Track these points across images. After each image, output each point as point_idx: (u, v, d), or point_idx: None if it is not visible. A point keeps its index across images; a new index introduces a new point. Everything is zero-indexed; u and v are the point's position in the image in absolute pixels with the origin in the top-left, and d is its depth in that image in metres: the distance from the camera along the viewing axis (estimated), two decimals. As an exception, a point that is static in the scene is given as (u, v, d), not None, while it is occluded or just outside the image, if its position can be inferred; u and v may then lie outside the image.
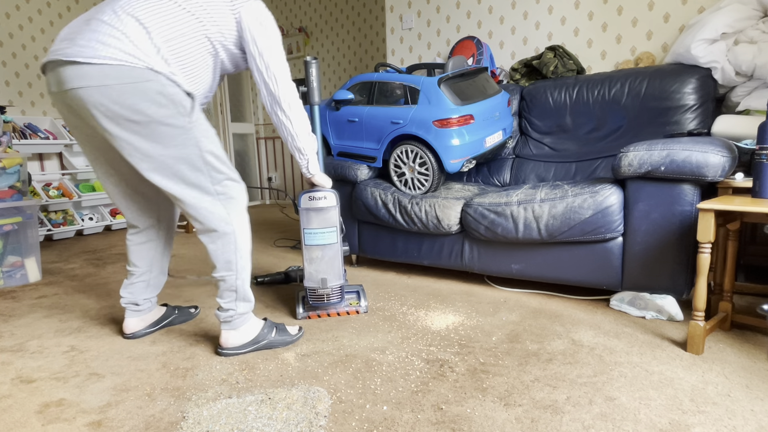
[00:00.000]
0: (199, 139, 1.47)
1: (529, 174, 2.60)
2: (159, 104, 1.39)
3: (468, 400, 1.28)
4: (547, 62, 2.69)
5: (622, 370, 1.41)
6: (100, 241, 3.82)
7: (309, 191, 1.84)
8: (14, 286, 2.54)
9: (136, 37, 1.37)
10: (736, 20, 2.14)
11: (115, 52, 1.34)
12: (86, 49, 1.34)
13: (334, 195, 1.85)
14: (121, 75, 1.35)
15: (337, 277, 1.89)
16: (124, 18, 1.38)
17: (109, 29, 1.36)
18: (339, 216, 1.88)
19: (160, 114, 1.40)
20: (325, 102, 2.65)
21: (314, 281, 1.89)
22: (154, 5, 1.42)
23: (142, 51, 1.37)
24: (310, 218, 1.86)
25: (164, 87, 1.39)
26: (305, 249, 1.88)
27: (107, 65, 1.34)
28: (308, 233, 1.87)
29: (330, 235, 1.87)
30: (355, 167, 2.55)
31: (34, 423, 1.24)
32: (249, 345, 1.62)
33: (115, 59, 1.34)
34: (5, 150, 2.59)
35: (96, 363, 1.58)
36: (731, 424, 1.14)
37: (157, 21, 1.40)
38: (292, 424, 1.18)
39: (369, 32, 5.08)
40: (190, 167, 1.48)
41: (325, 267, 1.88)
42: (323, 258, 1.88)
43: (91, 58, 1.34)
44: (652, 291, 1.84)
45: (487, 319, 1.86)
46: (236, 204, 1.57)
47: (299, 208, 1.86)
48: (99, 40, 1.35)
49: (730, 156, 1.67)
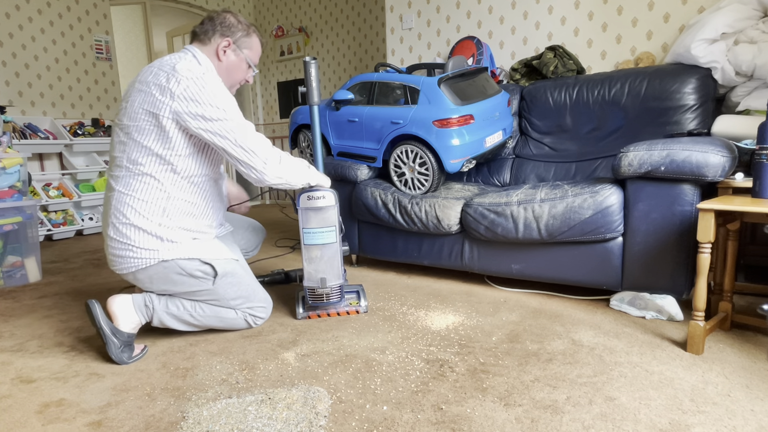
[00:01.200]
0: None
1: (529, 174, 2.60)
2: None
3: (468, 400, 1.28)
4: (547, 62, 2.69)
5: (622, 370, 1.41)
6: (100, 241, 3.82)
7: (308, 191, 1.83)
8: (14, 286, 2.54)
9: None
10: (736, 20, 2.14)
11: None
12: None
13: (333, 194, 1.85)
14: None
15: (336, 277, 1.89)
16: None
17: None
18: (338, 215, 1.88)
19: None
20: (325, 102, 2.65)
21: (313, 281, 1.89)
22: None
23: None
24: (308, 218, 1.86)
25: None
26: (304, 249, 1.88)
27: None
28: (307, 233, 1.87)
29: (329, 234, 1.87)
30: (355, 167, 2.55)
31: (34, 423, 1.24)
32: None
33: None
34: (5, 150, 2.59)
35: (96, 363, 1.58)
36: (731, 424, 1.14)
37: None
38: (292, 424, 1.18)
39: (369, 32, 5.08)
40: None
41: (325, 266, 1.88)
42: (322, 257, 1.88)
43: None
44: (652, 291, 1.84)
45: (487, 319, 1.86)
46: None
47: (298, 207, 1.86)
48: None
49: (730, 156, 1.67)
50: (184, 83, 1.51)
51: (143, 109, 1.55)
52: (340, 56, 5.38)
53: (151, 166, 1.59)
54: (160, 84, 1.53)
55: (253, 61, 1.79)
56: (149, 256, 1.61)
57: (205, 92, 1.52)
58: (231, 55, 1.72)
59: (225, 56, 1.71)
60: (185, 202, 1.66)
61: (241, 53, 1.74)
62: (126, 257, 1.62)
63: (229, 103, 1.57)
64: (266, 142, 1.64)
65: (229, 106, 1.57)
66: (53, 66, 4.27)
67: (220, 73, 1.71)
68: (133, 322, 1.64)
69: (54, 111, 4.30)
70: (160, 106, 1.52)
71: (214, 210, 1.78)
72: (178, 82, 1.51)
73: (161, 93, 1.52)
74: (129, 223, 1.60)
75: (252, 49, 1.78)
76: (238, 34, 1.72)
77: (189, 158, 1.62)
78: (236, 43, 1.73)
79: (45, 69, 4.21)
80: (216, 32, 1.69)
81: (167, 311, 1.69)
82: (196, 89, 1.52)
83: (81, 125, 4.23)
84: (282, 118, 6.02)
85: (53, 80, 4.28)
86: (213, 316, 1.74)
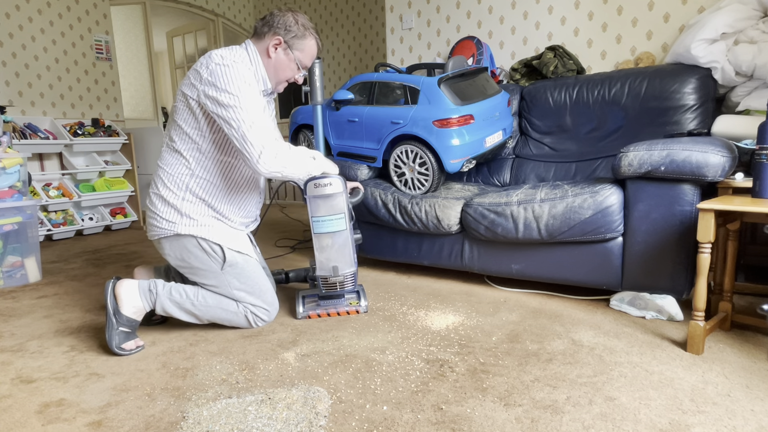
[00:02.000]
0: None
1: (529, 174, 2.60)
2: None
3: (468, 400, 1.28)
4: (547, 62, 2.69)
5: (622, 370, 1.41)
6: (100, 241, 3.82)
7: (314, 178, 1.80)
8: (14, 286, 2.54)
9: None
10: (736, 20, 2.14)
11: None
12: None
13: (341, 181, 1.83)
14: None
15: (348, 264, 1.87)
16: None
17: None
18: (348, 202, 1.85)
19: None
20: (325, 102, 2.65)
21: (326, 270, 1.88)
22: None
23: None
24: (317, 206, 1.83)
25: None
26: (315, 238, 1.86)
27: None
28: (316, 221, 1.85)
29: (338, 221, 1.84)
30: (355, 167, 2.55)
31: (34, 423, 1.24)
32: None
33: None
34: (5, 150, 2.59)
35: (96, 363, 1.58)
36: (731, 424, 1.14)
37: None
38: (292, 424, 1.18)
39: (369, 32, 5.09)
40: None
41: (336, 254, 1.87)
42: (333, 245, 1.86)
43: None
44: (652, 291, 1.84)
45: (487, 319, 1.86)
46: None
47: (305, 196, 1.83)
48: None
49: (730, 156, 1.67)
50: (211, 67, 1.62)
51: (181, 92, 1.70)
52: (340, 56, 5.38)
53: (182, 144, 1.73)
54: (196, 68, 1.66)
55: (303, 63, 1.82)
56: (167, 227, 1.73)
57: (223, 78, 1.60)
58: (281, 53, 1.77)
59: (275, 54, 1.77)
60: (208, 183, 1.75)
61: (291, 53, 1.78)
62: (151, 225, 1.77)
63: (245, 92, 1.61)
64: (267, 136, 1.64)
65: (245, 95, 1.61)
66: (53, 66, 4.27)
67: (268, 69, 1.78)
68: (135, 306, 1.68)
69: (54, 111, 4.30)
70: (192, 88, 1.66)
71: (242, 199, 1.84)
72: (207, 67, 1.63)
73: (194, 77, 1.66)
74: (157, 193, 1.75)
75: (304, 51, 1.80)
76: (291, 35, 1.76)
77: (213, 141, 1.72)
78: (287, 42, 1.76)
79: (45, 69, 4.21)
80: (271, 30, 1.75)
81: (170, 297, 1.72)
82: (218, 73, 1.60)
83: (81, 125, 4.23)
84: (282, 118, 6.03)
85: (53, 80, 4.28)
86: (215, 306, 1.75)
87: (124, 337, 1.63)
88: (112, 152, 4.47)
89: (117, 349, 1.61)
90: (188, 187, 1.73)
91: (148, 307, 1.70)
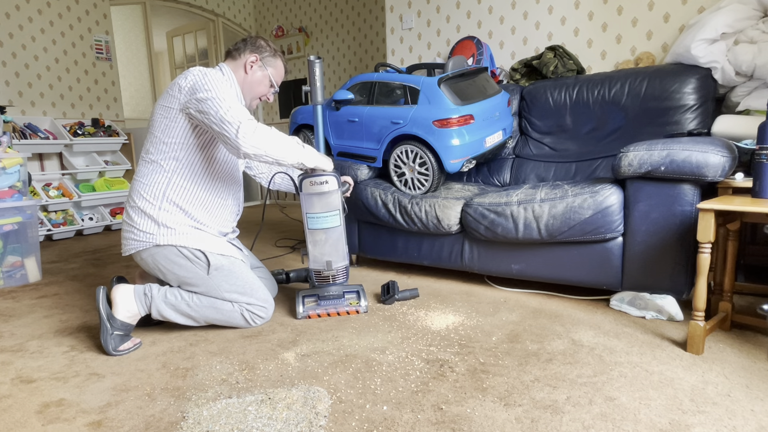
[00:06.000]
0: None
1: (529, 174, 2.60)
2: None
3: (468, 400, 1.28)
4: (547, 62, 2.69)
5: (622, 370, 1.41)
6: (100, 241, 3.82)
7: (310, 176, 1.83)
8: (14, 286, 2.54)
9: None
10: (736, 20, 2.14)
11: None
12: None
13: (336, 178, 1.85)
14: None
15: (342, 258, 1.91)
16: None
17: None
18: (341, 198, 1.87)
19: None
20: (325, 102, 2.64)
21: (319, 263, 1.91)
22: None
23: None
24: (312, 203, 1.86)
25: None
26: (308, 233, 1.89)
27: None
28: (311, 217, 1.87)
29: (333, 218, 1.87)
30: (355, 167, 2.55)
31: (34, 423, 1.24)
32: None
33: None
34: (5, 150, 2.59)
35: (96, 363, 1.58)
36: (731, 424, 1.14)
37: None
38: (292, 424, 1.18)
39: (369, 32, 5.09)
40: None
41: (330, 249, 1.89)
42: (327, 240, 1.89)
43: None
44: (652, 291, 1.83)
45: (487, 319, 1.86)
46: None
47: (300, 193, 1.85)
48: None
49: (730, 156, 1.67)
50: (189, 78, 1.69)
51: (159, 105, 1.75)
52: (340, 56, 5.38)
53: (158, 154, 1.75)
54: (176, 82, 1.72)
55: (275, 79, 1.96)
56: (145, 239, 1.74)
57: (202, 81, 1.67)
58: (257, 70, 1.90)
59: (251, 70, 1.89)
60: (185, 190, 1.77)
61: (266, 70, 1.92)
62: (127, 238, 1.78)
63: (224, 88, 1.67)
64: (244, 113, 1.65)
65: (223, 90, 1.67)
66: (53, 66, 4.27)
67: (244, 85, 1.90)
68: (130, 311, 1.68)
69: (54, 111, 4.30)
70: (172, 100, 1.71)
71: (218, 206, 1.87)
72: (185, 78, 1.70)
73: (174, 89, 1.71)
74: (134, 206, 1.76)
75: (276, 69, 1.96)
76: (266, 53, 1.92)
77: (190, 146, 1.75)
78: (263, 60, 1.91)
79: (45, 69, 4.21)
80: (247, 49, 1.89)
81: (165, 300, 1.73)
82: (199, 78, 1.68)
83: (81, 125, 4.23)
84: (282, 118, 6.03)
85: (53, 80, 4.28)
86: (210, 307, 1.76)
87: (119, 341, 1.64)
88: (112, 152, 4.47)
89: (114, 352, 1.62)
90: (165, 195, 1.74)
91: (143, 311, 1.71)
